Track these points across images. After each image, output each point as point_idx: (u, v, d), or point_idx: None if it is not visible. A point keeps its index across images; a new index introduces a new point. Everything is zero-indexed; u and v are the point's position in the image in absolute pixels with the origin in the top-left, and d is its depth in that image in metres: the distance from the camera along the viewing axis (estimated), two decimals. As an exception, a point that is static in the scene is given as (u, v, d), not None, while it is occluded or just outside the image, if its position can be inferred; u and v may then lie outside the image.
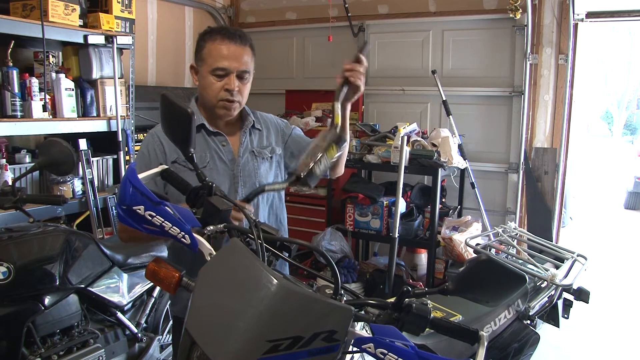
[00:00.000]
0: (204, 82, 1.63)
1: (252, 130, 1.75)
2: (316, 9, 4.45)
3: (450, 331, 1.04)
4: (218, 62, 1.57)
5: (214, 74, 1.59)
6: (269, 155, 1.75)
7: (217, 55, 1.58)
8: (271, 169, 1.76)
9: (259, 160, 1.72)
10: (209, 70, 1.59)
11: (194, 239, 1.09)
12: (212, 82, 1.60)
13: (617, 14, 3.64)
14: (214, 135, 1.69)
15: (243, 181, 1.69)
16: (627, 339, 3.67)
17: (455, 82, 4.00)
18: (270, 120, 1.83)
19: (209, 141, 1.68)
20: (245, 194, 1.64)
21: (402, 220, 3.38)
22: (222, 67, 1.57)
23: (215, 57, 1.58)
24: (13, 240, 1.79)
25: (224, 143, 1.69)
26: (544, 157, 3.86)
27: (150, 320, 2.34)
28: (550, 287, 2.30)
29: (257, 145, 1.75)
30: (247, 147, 1.72)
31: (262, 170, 1.72)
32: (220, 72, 1.58)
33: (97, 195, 2.97)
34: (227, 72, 1.58)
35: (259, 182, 1.70)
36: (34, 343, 1.80)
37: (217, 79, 1.59)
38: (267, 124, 1.81)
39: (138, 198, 1.06)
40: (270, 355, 0.88)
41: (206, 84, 1.61)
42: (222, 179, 1.66)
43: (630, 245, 6.59)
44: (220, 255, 1.05)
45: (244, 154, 1.71)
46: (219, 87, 1.59)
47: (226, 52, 1.57)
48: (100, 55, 2.98)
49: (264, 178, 1.72)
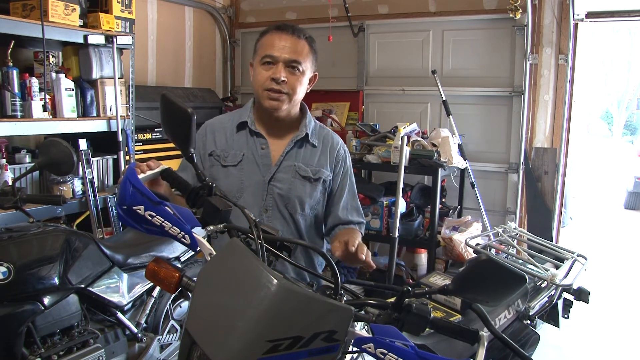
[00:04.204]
0: (254, 74, 1.60)
1: (303, 143, 1.66)
2: (316, 9, 4.45)
3: (450, 331, 1.04)
4: (267, 51, 1.55)
5: (262, 63, 1.55)
6: (312, 177, 1.64)
7: (267, 45, 1.56)
8: (314, 192, 1.65)
9: (297, 178, 1.63)
10: (259, 61, 1.56)
11: (194, 239, 1.09)
12: (260, 72, 1.56)
13: (617, 14, 3.64)
14: (255, 135, 1.64)
15: (275, 192, 1.61)
16: (627, 339, 3.66)
17: (455, 82, 3.99)
18: (332, 143, 1.71)
19: (249, 141, 1.64)
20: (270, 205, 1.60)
21: (402, 220, 3.38)
22: (269, 54, 1.54)
23: (265, 46, 1.56)
24: (13, 240, 1.79)
25: (263, 146, 1.63)
26: (544, 157, 3.86)
27: (150, 320, 2.33)
28: (550, 287, 2.30)
29: (303, 161, 1.64)
30: (290, 158, 1.63)
31: (300, 190, 1.62)
32: (268, 59, 1.54)
33: (97, 195, 2.97)
34: (275, 60, 1.54)
35: (297, 200, 1.62)
36: (34, 343, 1.79)
37: (265, 67, 1.55)
38: (325, 144, 1.70)
39: (138, 198, 1.06)
40: (271, 355, 0.88)
41: (255, 74, 1.59)
42: (249, 182, 1.61)
43: (630, 245, 6.58)
44: (220, 255, 1.05)
45: (283, 164, 1.62)
46: (266, 76, 1.55)
47: (277, 41, 1.55)
48: (100, 55, 2.97)
49: (302, 198, 1.63)
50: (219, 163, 1.63)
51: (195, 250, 1.11)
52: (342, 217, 1.70)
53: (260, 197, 1.61)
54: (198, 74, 4.66)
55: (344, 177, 1.72)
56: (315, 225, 1.72)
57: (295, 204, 1.63)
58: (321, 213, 1.71)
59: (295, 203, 1.62)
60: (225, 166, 1.63)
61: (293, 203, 1.62)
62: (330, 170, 1.69)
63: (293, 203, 1.62)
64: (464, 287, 0.98)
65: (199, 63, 4.67)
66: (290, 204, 1.63)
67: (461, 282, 0.97)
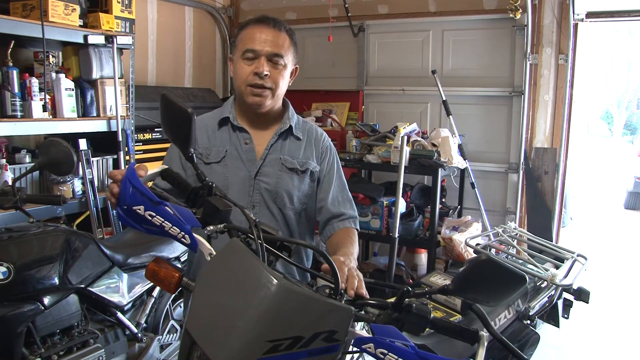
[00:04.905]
0: (235, 69, 1.56)
1: (287, 136, 1.63)
2: (316, 9, 4.45)
3: (450, 331, 1.04)
4: (248, 45, 1.51)
5: (244, 58, 1.52)
6: (299, 169, 1.61)
7: (248, 39, 1.52)
8: (302, 185, 1.62)
9: (284, 170, 1.60)
10: (240, 55, 1.53)
11: (194, 239, 1.09)
12: (241, 67, 1.53)
13: (617, 14, 3.64)
14: (238, 130, 1.60)
15: (261, 187, 1.58)
16: (627, 339, 3.66)
17: (455, 82, 3.99)
18: (316, 134, 1.69)
19: (231, 136, 1.61)
20: (257, 201, 1.57)
21: (402, 220, 3.38)
22: (251, 48, 1.50)
23: (245, 40, 1.53)
24: (13, 240, 1.79)
25: (246, 141, 1.60)
26: (544, 157, 3.86)
27: (150, 320, 2.34)
28: (550, 287, 2.30)
29: (289, 154, 1.62)
30: (274, 151, 1.60)
31: (287, 183, 1.59)
32: (250, 54, 1.51)
33: (97, 195, 2.97)
34: (256, 54, 1.51)
35: (286, 194, 1.59)
36: (34, 343, 1.80)
37: (247, 62, 1.52)
38: (310, 136, 1.67)
39: (138, 198, 1.06)
40: (271, 355, 0.88)
41: (236, 69, 1.55)
42: (235, 179, 1.57)
43: (630, 245, 6.58)
44: (220, 255, 1.05)
45: (268, 158, 1.60)
46: (248, 71, 1.51)
47: (257, 34, 1.51)
48: (100, 55, 2.97)
49: (290, 192, 1.60)
50: (202, 161, 1.58)
51: (195, 250, 1.11)
52: (333, 211, 1.65)
53: (247, 193, 1.57)
54: (198, 74, 4.66)
55: (330, 169, 1.69)
56: (306, 220, 1.68)
57: (283, 198, 1.59)
58: (311, 207, 1.68)
59: (284, 197, 1.59)
60: (208, 163, 1.59)
61: (281, 197, 1.59)
62: (317, 161, 1.66)
63: (281, 197, 1.59)
64: (464, 287, 0.98)
65: (199, 63, 4.67)
66: (279, 198, 1.59)
67: (461, 282, 0.97)
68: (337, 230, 1.63)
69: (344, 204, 1.68)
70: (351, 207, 1.70)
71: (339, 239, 1.56)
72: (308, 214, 1.68)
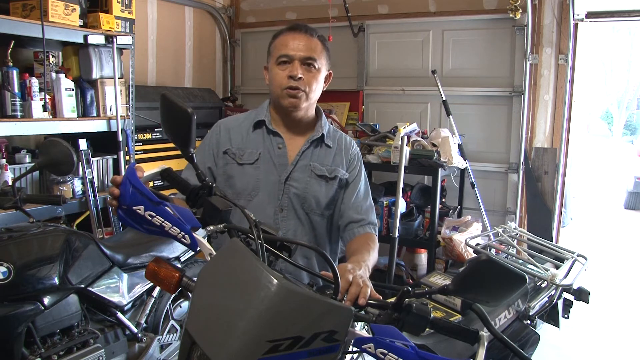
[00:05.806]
0: (270, 76, 1.62)
1: (319, 143, 1.68)
2: (316, 9, 4.45)
3: (450, 331, 1.04)
4: (282, 51, 1.57)
5: (278, 63, 1.58)
6: (328, 176, 1.65)
7: (282, 45, 1.58)
8: (330, 191, 1.65)
9: (313, 177, 1.64)
10: (274, 62, 1.59)
11: (194, 238, 1.09)
12: (277, 72, 1.58)
13: (617, 14, 3.64)
14: (272, 134, 1.65)
15: (290, 192, 1.62)
16: (627, 339, 3.67)
17: (455, 82, 3.99)
18: (345, 143, 1.74)
19: (265, 139, 1.65)
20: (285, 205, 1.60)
21: (402, 220, 3.38)
22: (284, 54, 1.56)
23: (280, 47, 1.58)
24: (13, 240, 1.79)
25: (280, 145, 1.64)
26: (544, 157, 3.86)
27: (150, 320, 2.34)
28: (550, 287, 2.31)
29: (318, 160, 1.66)
30: (305, 158, 1.65)
31: (316, 189, 1.63)
32: (284, 59, 1.57)
33: (97, 195, 2.97)
34: (290, 59, 1.56)
35: (314, 199, 1.63)
36: (34, 343, 1.80)
37: (281, 67, 1.57)
38: (340, 144, 1.72)
39: (138, 198, 1.06)
40: (271, 355, 0.88)
41: (272, 75, 1.61)
42: (266, 182, 1.62)
43: (630, 245, 6.58)
44: (220, 256, 1.05)
45: (299, 164, 1.64)
46: (283, 75, 1.57)
47: (290, 41, 1.57)
48: (100, 55, 2.97)
49: (317, 197, 1.64)
50: (235, 161, 1.63)
51: (195, 250, 1.11)
52: (354, 216, 1.67)
53: (276, 196, 1.62)
54: (198, 74, 4.66)
55: (357, 175, 1.73)
56: (332, 225, 1.71)
57: (311, 203, 1.64)
58: (337, 213, 1.71)
59: (312, 202, 1.63)
60: (242, 164, 1.64)
61: (309, 202, 1.63)
62: (345, 169, 1.71)
63: (309, 202, 1.63)
64: (464, 287, 0.98)
65: (199, 63, 4.67)
66: (307, 204, 1.64)
67: (461, 282, 0.97)
68: (357, 236, 1.65)
69: (366, 211, 1.71)
70: (372, 214, 1.73)
71: (356, 246, 1.57)
72: (335, 220, 1.72)
